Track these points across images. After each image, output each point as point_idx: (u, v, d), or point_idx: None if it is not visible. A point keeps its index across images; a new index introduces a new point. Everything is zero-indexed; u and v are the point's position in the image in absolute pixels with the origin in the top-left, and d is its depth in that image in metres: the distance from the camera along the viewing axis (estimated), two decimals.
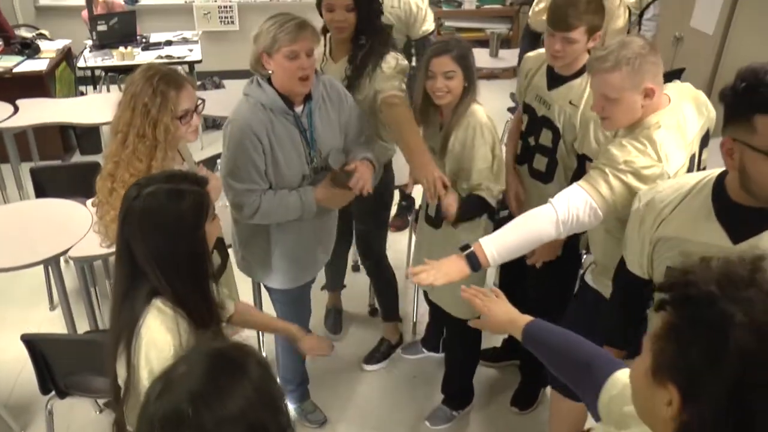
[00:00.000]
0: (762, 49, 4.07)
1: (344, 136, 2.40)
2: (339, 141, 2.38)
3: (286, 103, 2.19)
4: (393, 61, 2.54)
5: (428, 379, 3.13)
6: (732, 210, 1.49)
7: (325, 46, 2.66)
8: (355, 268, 3.80)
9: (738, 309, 0.74)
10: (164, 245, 1.46)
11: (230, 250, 2.56)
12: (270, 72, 2.17)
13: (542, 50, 2.47)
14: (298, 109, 2.24)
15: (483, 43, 6.16)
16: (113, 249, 1.60)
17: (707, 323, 0.76)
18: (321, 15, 2.57)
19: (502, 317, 1.62)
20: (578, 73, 2.31)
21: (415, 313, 3.48)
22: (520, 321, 1.55)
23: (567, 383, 1.44)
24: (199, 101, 2.08)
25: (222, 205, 2.47)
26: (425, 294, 2.93)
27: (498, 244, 1.88)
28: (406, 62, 2.59)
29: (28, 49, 5.23)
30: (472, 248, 1.88)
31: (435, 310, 2.87)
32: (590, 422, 1.33)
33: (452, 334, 2.86)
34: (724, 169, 1.52)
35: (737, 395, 0.73)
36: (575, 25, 2.19)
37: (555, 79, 2.38)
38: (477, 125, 2.33)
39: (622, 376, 1.22)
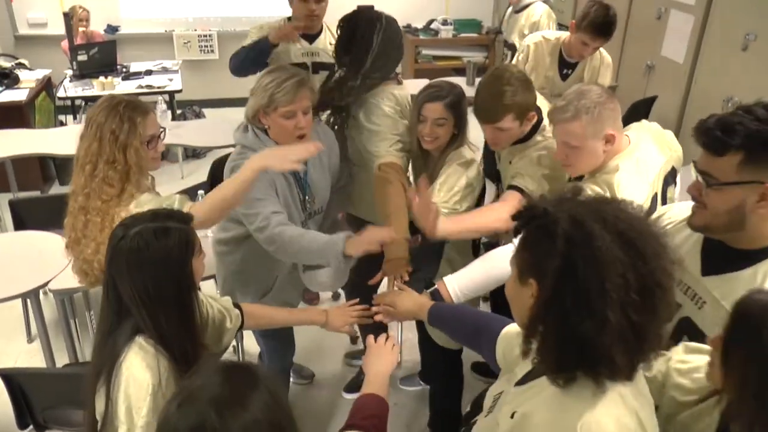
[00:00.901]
0: (728, 76, 4.21)
1: (332, 179, 2.44)
2: (329, 184, 2.42)
3: None
4: (387, 106, 2.40)
5: (408, 406, 3.13)
6: (715, 245, 1.49)
7: None
8: (335, 297, 3.82)
9: (563, 213, 1.06)
10: (151, 283, 1.47)
11: (212, 282, 2.58)
12: (267, 126, 2.18)
13: None
14: None
15: (460, 71, 6.29)
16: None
17: (545, 227, 1.07)
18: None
19: (410, 306, 1.91)
20: (527, 137, 2.25)
21: (400, 340, 3.49)
22: (426, 305, 1.83)
23: (472, 349, 1.63)
24: (161, 129, 2.10)
25: (202, 236, 2.48)
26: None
27: (461, 283, 1.94)
28: (404, 94, 2.48)
29: (7, 78, 5.23)
30: (436, 286, 1.94)
31: (422, 343, 2.86)
32: None
33: (435, 361, 2.87)
34: None
35: (567, 266, 1.03)
36: (501, 117, 2.12)
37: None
38: (461, 156, 2.31)
39: (510, 328, 1.51)
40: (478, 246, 2.51)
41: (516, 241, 1.93)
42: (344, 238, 2.02)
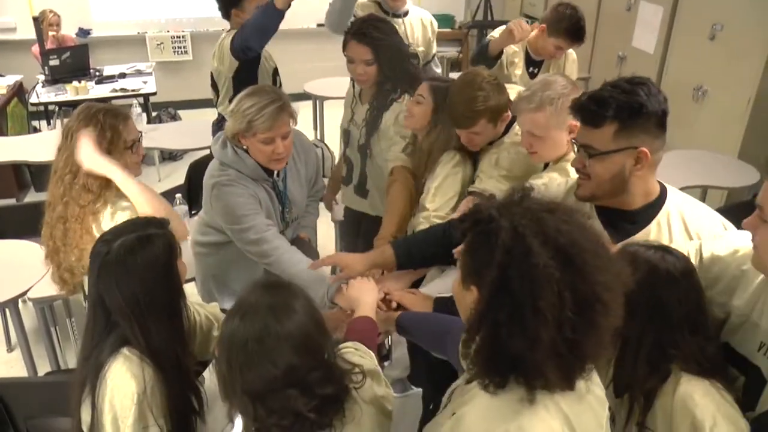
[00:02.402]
0: (697, 65, 4.28)
1: (309, 187, 2.49)
2: (306, 194, 2.46)
3: (265, 171, 2.21)
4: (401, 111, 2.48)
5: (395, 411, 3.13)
6: (606, 212, 1.62)
7: (353, 87, 2.71)
8: None
9: (506, 221, 1.04)
10: (141, 292, 1.48)
11: (192, 284, 2.58)
12: (246, 147, 2.17)
13: None
14: (274, 173, 2.28)
15: None
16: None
17: (487, 234, 1.05)
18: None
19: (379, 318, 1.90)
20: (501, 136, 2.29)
21: (390, 340, 3.47)
22: (393, 316, 1.89)
23: (439, 353, 1.67)
24: (139, 133, 2.10)
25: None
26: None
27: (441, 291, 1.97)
28: None
29: None
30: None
31: (412, 345, 2.88)
32: None
33: (425, 363, 2.88)
34: None
35: (503, 279, 1.02)
36: (474, 122, 2.15)
37: None
38: (455, 156, 2.33)
39: None
40: None
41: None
42: (335, 288, 2.04)
